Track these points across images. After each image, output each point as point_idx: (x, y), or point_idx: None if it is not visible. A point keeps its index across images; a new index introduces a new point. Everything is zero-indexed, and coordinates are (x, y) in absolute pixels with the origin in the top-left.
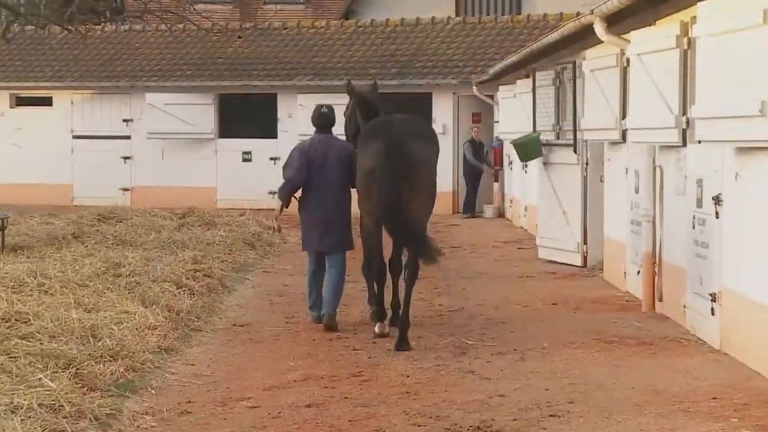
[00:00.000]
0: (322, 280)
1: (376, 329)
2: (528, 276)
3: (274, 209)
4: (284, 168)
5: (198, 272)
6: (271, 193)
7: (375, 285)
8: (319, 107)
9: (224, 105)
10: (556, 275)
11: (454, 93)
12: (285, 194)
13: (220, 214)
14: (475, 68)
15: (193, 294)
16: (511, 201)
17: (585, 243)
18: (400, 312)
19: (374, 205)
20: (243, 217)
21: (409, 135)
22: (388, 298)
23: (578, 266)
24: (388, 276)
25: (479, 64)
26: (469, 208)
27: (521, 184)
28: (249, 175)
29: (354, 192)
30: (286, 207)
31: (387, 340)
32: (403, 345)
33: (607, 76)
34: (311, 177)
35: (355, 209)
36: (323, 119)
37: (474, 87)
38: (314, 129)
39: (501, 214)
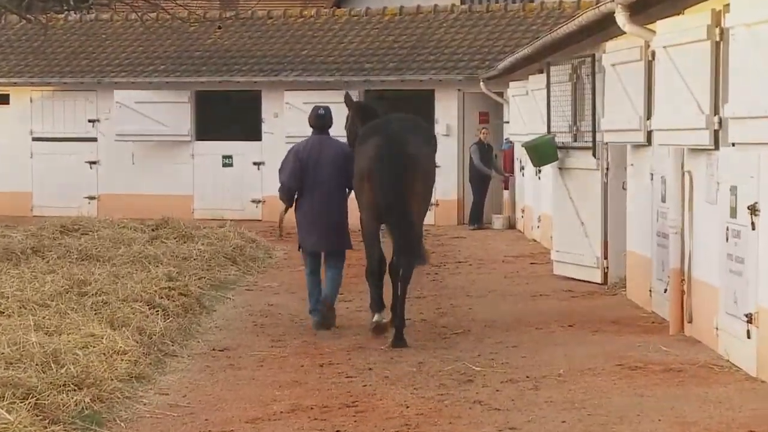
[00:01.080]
0: (320, 281)
1: (375, 318)
2: (541, 294)
3: (259, 219)
4: (280, 171)
5: (173, 290)
6: (254, 201)
7: (371, 280)
8: (316, 108)
9: (202, 103)
10: (573, 293)
11: (458, 90)
12: (285, 197)
13: (198, 225)
14: (483, 62)
15: (168, 315)
16: (523, 210)
17: (605, 257)
18: (396, 309)
19: (373, 199)
20: (223, 228)
21: (406, 131)
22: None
23: (598, 283)
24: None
25: (487, 58)
26: (476, 218)
27: (534, 192)
28: (230, 182)
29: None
30: (291, 207)
31: (383, 367)
32: (398, 342)
33: (630, 71)
34: (306, 178)
35: (353, 210)
36: (320, 120)
37: (481, 83)
38: (311, 130)
39: (511, 226)
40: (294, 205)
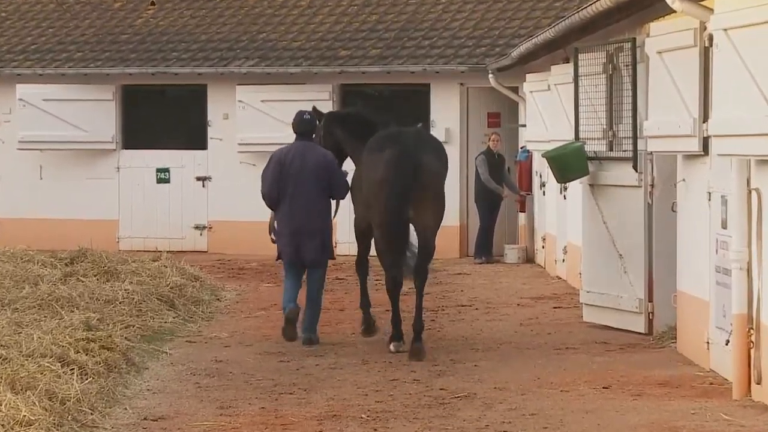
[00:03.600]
0: (298, 290)
1: (392, 348)
2: (568, 347)
3: (204, 251)
4: (261, 179)
5: (92, 343)
6: (198, 228)
7: (391, 301)
8: (301, 113)
9: (130, 101)
10: (609, 346)
11: (461, 84)
12: (270, 206)
13: (125, 258)
14: (492, 49)
15: (86, 374)
16: (544, 239)
17: (650, 300)
18: (413, 320)
19: (383, 215)
20: (158, 263)
21: (419, 146)
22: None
23: (640, 333)
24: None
25: (497, 44)
26: (484, 249)
27: (558, 216)
28: (166, 203)
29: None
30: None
31: None
32: (417, 352)
33: (682, 60)
34: (288, 186)
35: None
36: (305, 126)
37: (490, 76)
38: (294, 136)
39: (529, 259)
40: (275, 214)
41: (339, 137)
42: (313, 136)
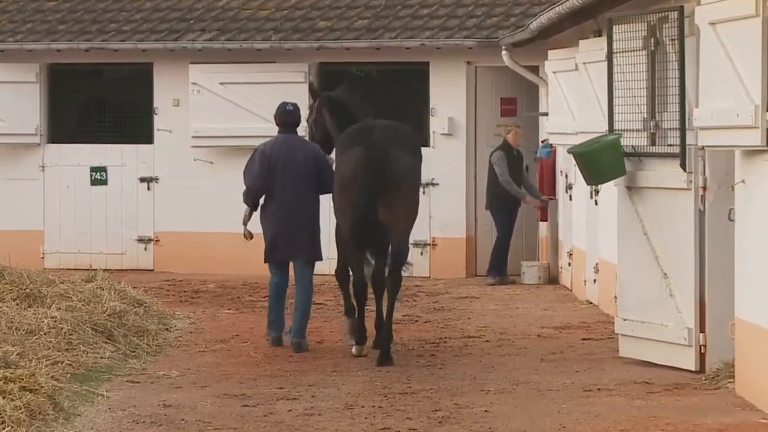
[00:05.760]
0: (285, 293)
1: (354, 351)
2: (600, 388)
3: (150, 269)
4: (245, 173)
5: (11, 383)
6: (142, 241)
7: (355, 304)
8: (284, 104)
9: (58, 84)
10: (651, 387)
11: (467, 63)
12: (250, 201)
13: (51, 278)
14: (506, 19)
15: (2, 423)
16: (571, 255)
17: (701, 330)
18: (382, 330)
19: (350, 216)
20: (92, 284)
21: (391, 143)
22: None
23: (690, 371)
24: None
25: (512, 13)
26: (498, 267)
27: (588, 225)
28: (102, 209)
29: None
30: (255, 210)
31: None
32: (385, 359)
33: (741, 33)
34: (274, 182)
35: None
36: (289, 117)
37: (504, 52)
38: (278, 128)
39: (552, 279)
40: (260, 211)
41: (327, 122)
42: (306, 120)
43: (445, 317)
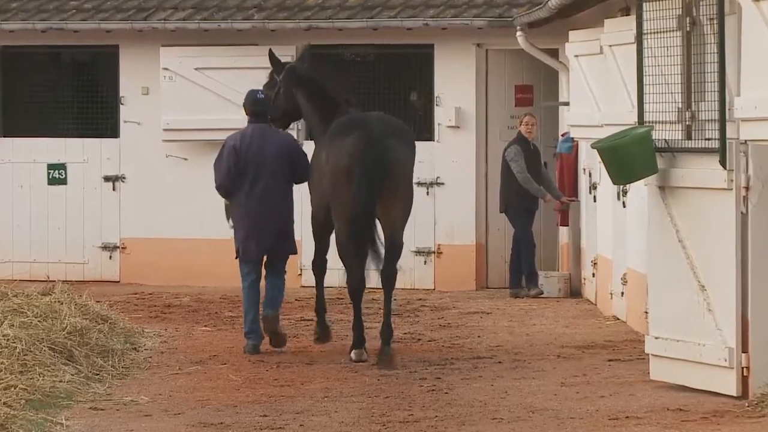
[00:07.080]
0: (259, 292)
1: (353, 356)
2: (629, 416)
3: (116, 280)
4: (214, 168)
5: None
6: (106, 248)
7: (353, 304)
8: (254, 92)
9: (11, 70)
10: (687, 415)
11: (477, 46)
12: (223, 195)
13: (3, 290)
14: None
15: None
16: (595, 264)
17: (744, 350)
18: (381, 326)
19: (349, 213)
20: (50, 297)
21: (387, 134)
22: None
23: (731, 396)
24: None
25: None
26: (516, 278)
27: (614, 231)
28: (62, 212)
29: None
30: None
31: None
32: (385, 359)
33: None
34: (246, 174)
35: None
36: (259, 106)
37: (519, 34)
38: (247, 118)
39: (574, 291)
40: (231, 205)
41: (300, 102)
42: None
43: (452, 335)
